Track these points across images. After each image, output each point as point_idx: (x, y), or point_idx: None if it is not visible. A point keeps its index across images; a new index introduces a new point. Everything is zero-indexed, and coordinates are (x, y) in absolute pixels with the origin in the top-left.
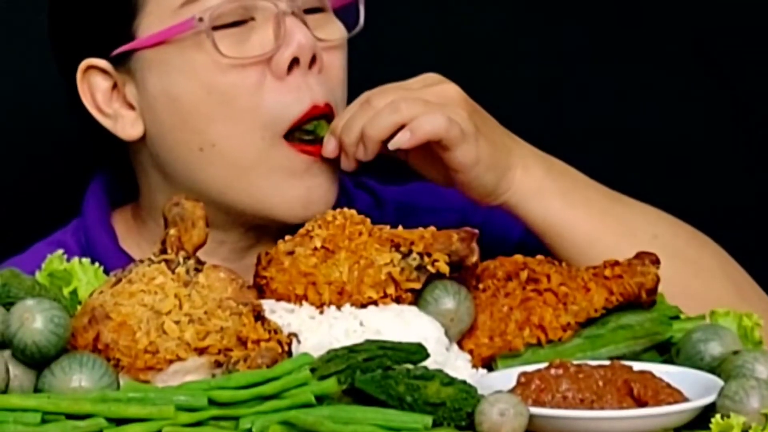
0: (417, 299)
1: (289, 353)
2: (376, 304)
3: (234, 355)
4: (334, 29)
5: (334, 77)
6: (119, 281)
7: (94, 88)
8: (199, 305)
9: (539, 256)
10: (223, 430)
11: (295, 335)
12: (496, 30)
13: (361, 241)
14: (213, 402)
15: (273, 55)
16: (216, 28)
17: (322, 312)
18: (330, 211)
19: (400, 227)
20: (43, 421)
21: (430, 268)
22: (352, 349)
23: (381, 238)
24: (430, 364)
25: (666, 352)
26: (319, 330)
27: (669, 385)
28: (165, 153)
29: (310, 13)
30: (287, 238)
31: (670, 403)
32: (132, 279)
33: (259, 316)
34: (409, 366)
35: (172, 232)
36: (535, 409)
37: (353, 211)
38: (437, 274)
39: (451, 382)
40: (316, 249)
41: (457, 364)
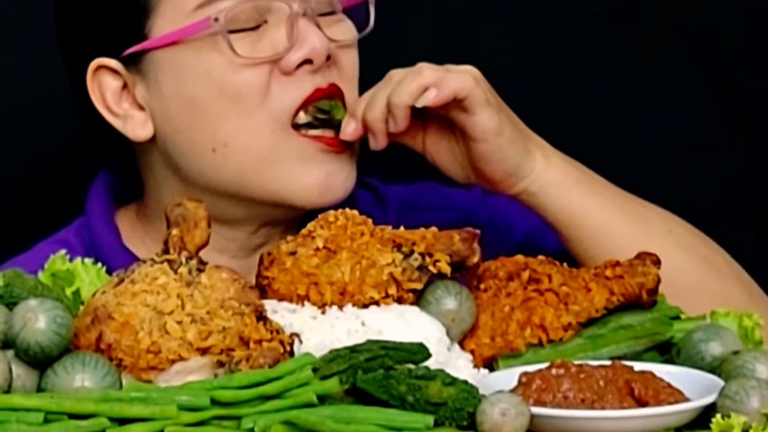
0: (418, 299)
1: (291, 353)
2: (377, 304)
3: (236, 355)
4: (345, 29)
5: (346, 71)
6: (122, 281)
7: (104, 87)
8: (202, 305)
9: (540, 257)
10: (225, 430)
11: (297, 335)
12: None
13: (363, 241)
14: (215, 402)
15: (284, 55)
16: (232, 30)
17: (324, 312)
18: (332, 212)
19: (402, 228)
20: (46, 420)
21: (431, 268)
22: (353, 349)
23: (383, 239)
24: (431, 364)
25: (667, 352)
26: (321, 330)
27: (670, 385)
28: (178, 154)
29: (321, 16)
30: (289, 238)
31: (670, 403)
32: (134, 279)
33: (261, 316)
34: (411, 366)
35: (175, 232)
36: (537, 409)
37: (355, 212)
38: (439, 275)
39: (453, 382)
40: (318, 249)
41: (459, 364)
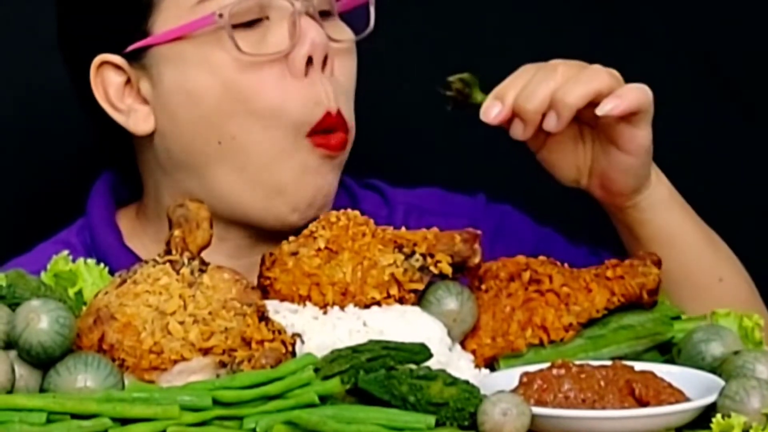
0: (420, 300)
1: (293, 353)
2: (379, 304)
3: (238, 355)
4: (342, 32)
5: (344, 83)
6: (124, 282)
7: (107, 83)
8: (204, 306)
9: (541, 257)
10: (227, 430)
11: (298, 335)
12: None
13: (364, 242)
14: (217, 402)
15: (289, 53)
16: (234, 26)
17: (325, 312)
18: (333, 212)
19: (403, 228)
20: (49, 420)
21: (433, 269)
22: (355, 350)
23: (384, 239)
24: (433, 364)
25: (667, 352)
26: (323, 330)
27: (670, 385)
28: (179, 148)
29: (321, 16)
30: (291, 238)
31: (671, 403)
32: (137, 280)
33: (263, 317)
34: (413, 366)
35: (177, 233)
36: (538, 409)
37: (357, 212)
38: (440, 275)
39: (454, 382)
40: (319, 250)
41: (460, 365)
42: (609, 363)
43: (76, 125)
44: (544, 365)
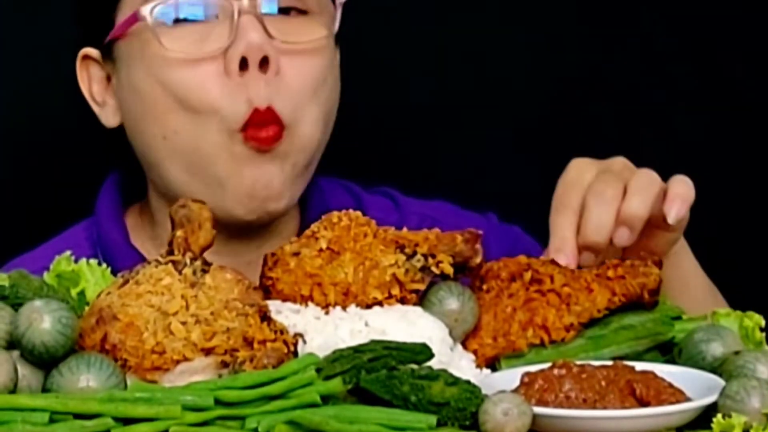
0: (421, 300)
1: (295, 353)
2: (380, 304)
3: (240, 355)
4: (308, 32)
5: (295, 84)
6: (126, 282)
7: (92, 77)
8: (206, 306)
9: (542, 257)
10: (229, 430)
11: (300, 336)
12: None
13: (366, 242)
14: (219, 402)
15: (225, 52)
16: (177, 22)
17: (327, 312)
18: (335, 213)
19: (405, 228)
20: (51, 420)
21: (434, 269)
22: (357, 350)
23: (386, 240)
24: (434, 364)
25: (668, 352)
26: (325, 330)
27: (671, 385)
28: (137, 143)
29: (284, 13)
30: (293, 239)
31: (672, 402)
32: (139, 280)
33: (265, 317)
34: (414, 366)
35: (179, 233)
36: (539, 409)
37: (358, 213)
38: (441, 275)
39: (456, 381)
40: (321, 250)
41: (461, 364)
42: (610, 363)
43: (87, 123)
44: (546, 365)
